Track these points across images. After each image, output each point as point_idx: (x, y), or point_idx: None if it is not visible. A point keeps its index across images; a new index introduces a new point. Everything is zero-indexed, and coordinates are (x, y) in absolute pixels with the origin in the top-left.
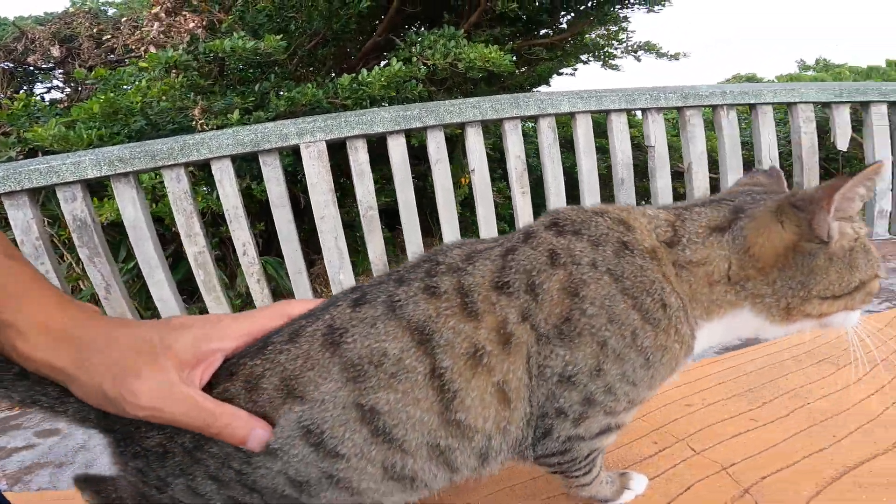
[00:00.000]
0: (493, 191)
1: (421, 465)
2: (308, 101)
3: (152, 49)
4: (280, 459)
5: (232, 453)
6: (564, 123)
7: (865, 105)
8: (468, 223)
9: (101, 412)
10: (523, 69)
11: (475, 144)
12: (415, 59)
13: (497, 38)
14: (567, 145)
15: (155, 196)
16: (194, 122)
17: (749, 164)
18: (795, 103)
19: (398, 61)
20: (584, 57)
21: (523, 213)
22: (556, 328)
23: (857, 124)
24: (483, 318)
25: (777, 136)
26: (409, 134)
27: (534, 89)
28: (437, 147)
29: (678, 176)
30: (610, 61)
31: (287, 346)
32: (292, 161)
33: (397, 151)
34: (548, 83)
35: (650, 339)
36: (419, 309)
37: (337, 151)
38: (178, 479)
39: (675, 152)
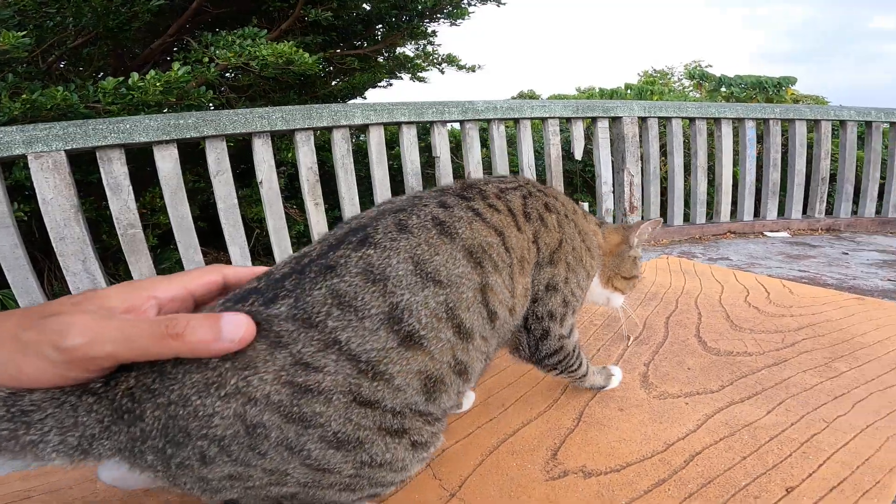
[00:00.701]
0: (293, 204)
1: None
2: (57, 105)
3: None
4: (423, 350)
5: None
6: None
7: (594, 120)
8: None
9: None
10: (337, 81)
11: (263, 156)
12: (206, 59)
13: (308, 45)
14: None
15: None
16: None
17: (514, 171)
18: (546, 118)
19: (182, 65)
20: (396, 70)
21: (317, 224)
22: (550, 253)
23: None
24: (525, 233)
25: (533, 146)
26: (186, 143)
27: (350, 101)
28: (216, 159)
29: None
30: (418, 74)
31: (397, 236)
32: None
33: (167, 163)
34: (363, 95)
35: (589, 263)
36: (495, 218)
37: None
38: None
39: (458, 162)
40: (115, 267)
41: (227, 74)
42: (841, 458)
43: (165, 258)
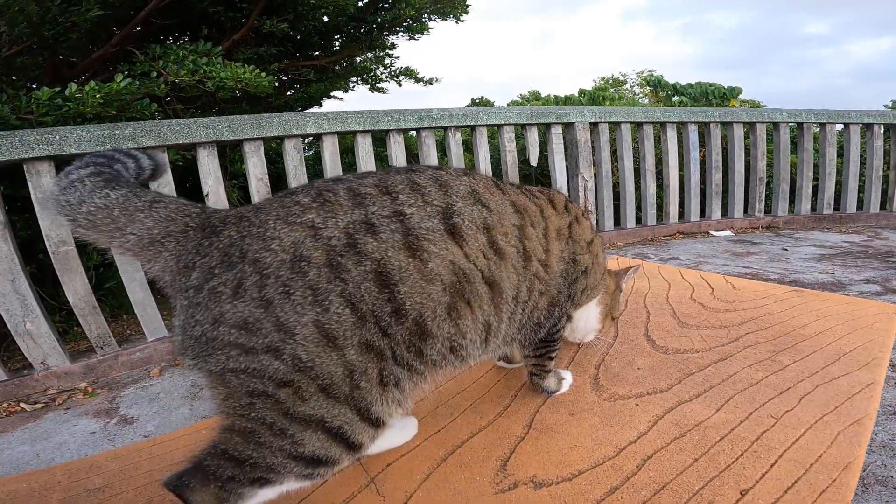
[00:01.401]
0: None
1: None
2: None
3: None
4: (460, 245)
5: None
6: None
7: (548, 126)
8: None
9: None
10: (291, 91)
11: (209, 167)
12: (154, 73)
13: (262, 56)
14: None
15: None
16: None
17: None
18: (502, 125)
19: (126, 77)
20: (353, 80)
21: None
22: (586, 244)
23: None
24: (562, 217)
25: (489, 153)
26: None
27: (305, 111)
28: None
29: None
30: (376, 85)
31: (464, 177)
32: None
33: None
34: (320, 104)
35: (596, 278)
36: (524, 200)
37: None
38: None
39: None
40: (53, 288)
41: (175, 82)
42: (793, 456)
43: (110, 277)
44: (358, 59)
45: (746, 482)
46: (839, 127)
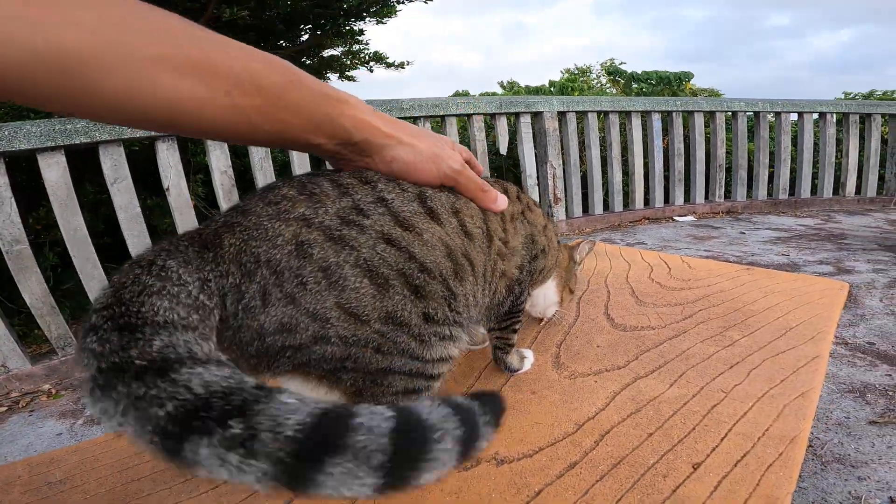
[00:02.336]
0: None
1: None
2: None
3: None
4: (441, 225)
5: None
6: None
7: (518, 115)
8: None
9: None
10: None
11: (168, 160)
12: None
13: None
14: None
15: None
16: None
17: None
18: (471, 115)
19: None
20: (323, 70)
21: None
22: (542, 227)
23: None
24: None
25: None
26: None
27: None
28: (113, 165)
29: None
30: (347, 73)
31: None
32: None
33: (55, 171)
34: None
35: (555, 256)
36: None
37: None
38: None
39: None
40: (10, 290)
41: None
42: (741, 429)
43: (68, 277)
44: (328, 51)
45: (698, 456)
46: (794, 116)
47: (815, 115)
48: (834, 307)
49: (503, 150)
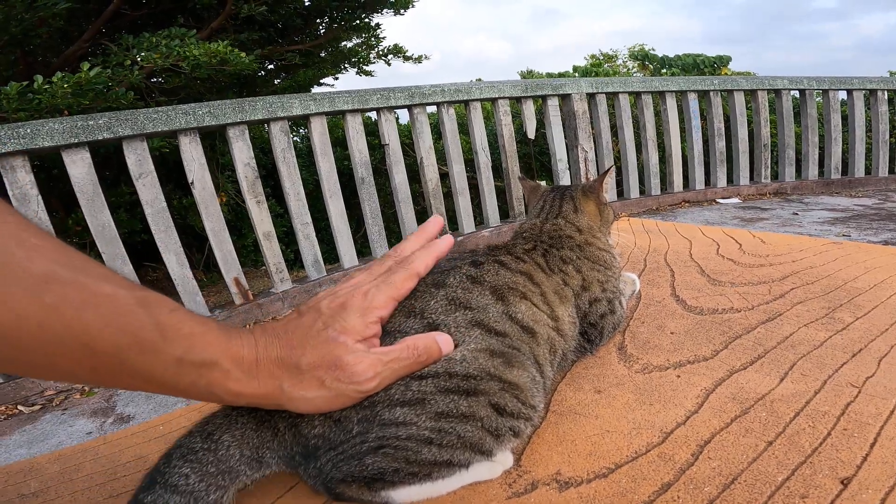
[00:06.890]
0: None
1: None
2: None
3: None
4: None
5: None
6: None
7: (544, 98)
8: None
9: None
10: (279, 79)
11: (192, 154)
12: (128, 62)
13: (244, 43)
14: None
15: None
16: None
17: (467, 152)
18: (496, 99)
19: (92, 67)
20: (342, 65)
21: (261, 223)
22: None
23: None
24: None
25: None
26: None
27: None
28: (138, 160)
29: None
30: (364, 67)
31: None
32: None
33: (80, 167)
34: (309, 91)
35: (606, 259)
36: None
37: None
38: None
39: (409, 149)
40: None
41: (155, 79)
42: (893, 432)
43: None
44: (345, 43)
45: (845, 468)
46: (842, 95)
47: (865, 92)
48: None
49: (531, 134)
